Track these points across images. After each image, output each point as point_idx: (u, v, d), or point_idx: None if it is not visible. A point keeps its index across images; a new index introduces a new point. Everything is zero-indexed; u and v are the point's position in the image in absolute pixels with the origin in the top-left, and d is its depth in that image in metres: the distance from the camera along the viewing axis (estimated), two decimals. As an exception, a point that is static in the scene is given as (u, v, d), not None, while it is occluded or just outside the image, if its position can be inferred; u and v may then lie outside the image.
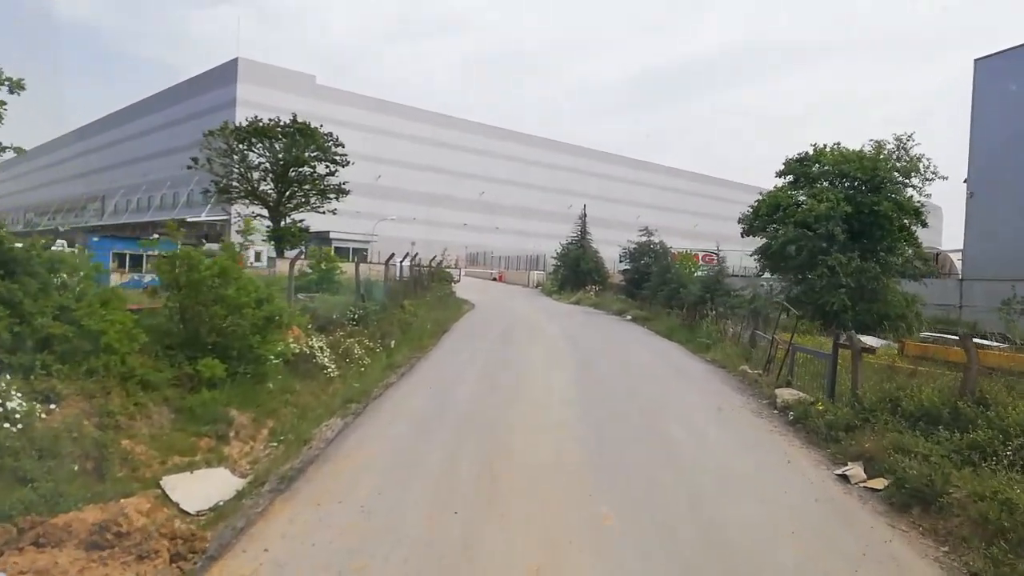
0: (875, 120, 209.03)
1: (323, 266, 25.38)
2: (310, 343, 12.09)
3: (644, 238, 32.60)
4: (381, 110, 78.98)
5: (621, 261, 58.62)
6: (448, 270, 31.34)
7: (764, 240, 22.59)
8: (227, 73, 72.12)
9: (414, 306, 22.03)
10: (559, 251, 43.22)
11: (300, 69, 73.93)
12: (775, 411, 11.07)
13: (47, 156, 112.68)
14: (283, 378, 10.33)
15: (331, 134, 46.86)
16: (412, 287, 24.59)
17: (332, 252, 25.27)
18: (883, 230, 20.64)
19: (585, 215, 42.87)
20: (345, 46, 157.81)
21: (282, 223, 47.51)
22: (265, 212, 48.02)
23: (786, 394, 11.10)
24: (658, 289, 24.14)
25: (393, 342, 16.26)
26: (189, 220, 69.33)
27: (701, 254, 39.54)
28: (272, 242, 47.33)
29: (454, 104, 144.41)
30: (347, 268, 29.40)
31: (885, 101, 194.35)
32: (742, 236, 24.18)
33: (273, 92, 68.84)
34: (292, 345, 11.51)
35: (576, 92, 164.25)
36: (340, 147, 47.12)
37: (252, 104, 63.84)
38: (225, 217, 61.02)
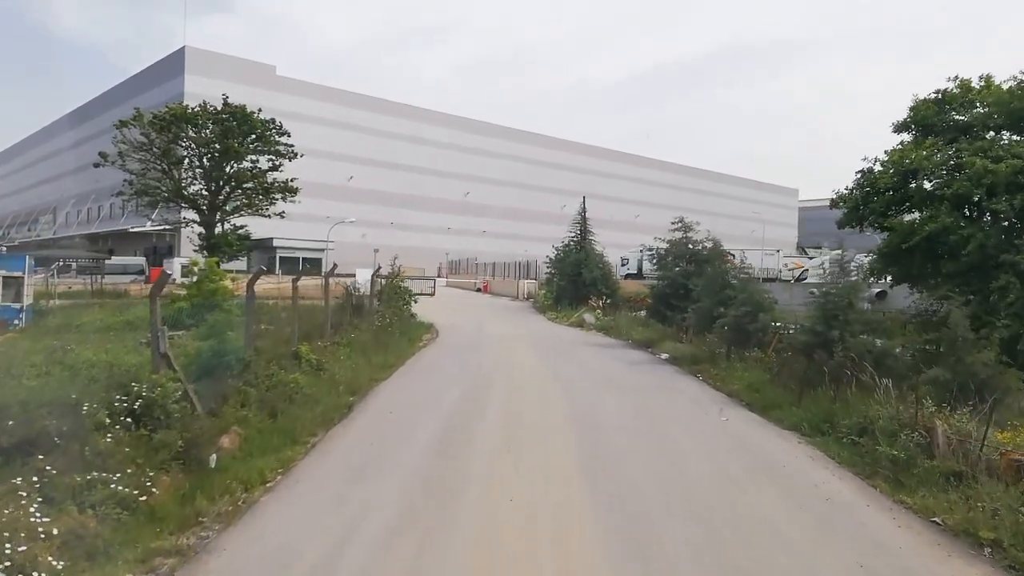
0: (877, 112, 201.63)
1: (205, 284, 17.09)
2: None
3: (679, 234, 21.30)
4: (353, 104, 70.64)
5: (623, 265, 49.83)
6: (404, 284, 22.88)
7: (886, 231, 14.26)
8: (175, 65, 63.79)
9: (323, 352, 13.67)
10: (554, 255, 34.33)
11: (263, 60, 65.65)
12: None
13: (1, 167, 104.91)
14: None
15: (274, 121, 38.44)
16: (332, 317, 16.23)
17: (216, 263, 16.71)
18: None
19: (585, 211, 34.24)
20: (334, 49, 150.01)
21: (217, 229, 39.04)
22: (197, 217, 39.60)
23: None
24: (714, 315, 14.32)
25: (214, 457, 7.86)
26: (132, 230, 60.90)
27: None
28: (204, 252, 38.51)
29: (448, 105, 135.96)
30: (281, 286, 20.98)
31: (890, 92, 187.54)
32: (839, 227, 15.83)
33: (227, 85, 60.03)
34: None
35: (572, 92, 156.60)
36: (285, 135, 38.69)
37: (203, 98, 55.64)
38: (171, 228, 52.47)
